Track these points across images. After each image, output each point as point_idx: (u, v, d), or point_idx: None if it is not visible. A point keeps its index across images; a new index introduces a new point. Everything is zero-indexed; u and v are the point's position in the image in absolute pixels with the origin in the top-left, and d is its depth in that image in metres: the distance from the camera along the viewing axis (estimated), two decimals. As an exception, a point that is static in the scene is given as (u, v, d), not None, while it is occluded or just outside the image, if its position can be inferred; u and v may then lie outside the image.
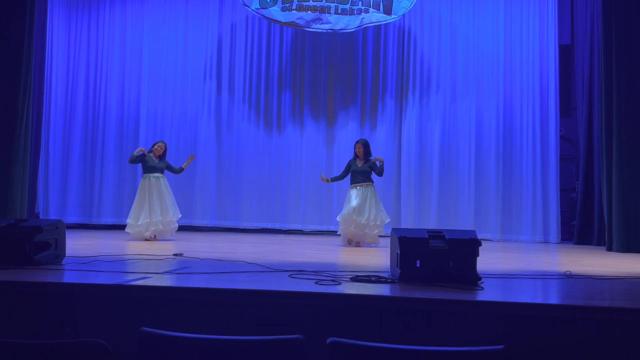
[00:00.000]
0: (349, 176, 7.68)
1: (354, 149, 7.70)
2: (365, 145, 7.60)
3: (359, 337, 2.21)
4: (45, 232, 4.40)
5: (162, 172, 7.81)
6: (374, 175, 7.61)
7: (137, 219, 7.49)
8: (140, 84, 9.92)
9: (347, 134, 9.51)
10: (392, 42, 9.63)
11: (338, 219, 7.57)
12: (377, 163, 7.59)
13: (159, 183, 7.69)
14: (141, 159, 7.72)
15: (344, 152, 9.17)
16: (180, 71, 9.91)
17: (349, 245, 7.37)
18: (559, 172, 9.10)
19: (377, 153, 9.51)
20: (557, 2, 9.25)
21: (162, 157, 7.86)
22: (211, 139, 9.81)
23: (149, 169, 7.70)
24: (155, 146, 7.87)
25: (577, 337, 3.07)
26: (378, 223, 7.36)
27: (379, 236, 7.41)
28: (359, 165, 7.54)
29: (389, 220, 7.70)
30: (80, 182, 9.91)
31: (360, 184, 7.46)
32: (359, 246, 7.31)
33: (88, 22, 10.08)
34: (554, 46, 9.20)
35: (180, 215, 7.90)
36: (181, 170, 8.05)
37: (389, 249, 4.42)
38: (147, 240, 7.39)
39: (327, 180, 7.82)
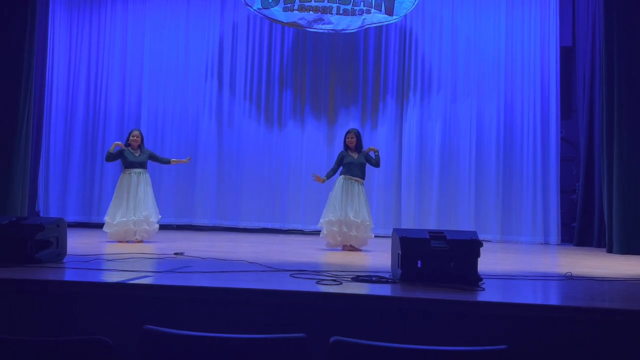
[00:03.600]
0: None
1: (345, 140, 6.97)
2: (358, 136, 6.97)
3: (360, 337, 2.21)
4: (47, 231, 4.41)
5: (144, 166, 7.14)
6: (367, 170, 7.01)
7: (114, 218, 6.90)
8: (142, 83, 9.92)
9: (348, 134, 9.51)
10: (393, 43, 9.64)
11: (326, 219, 6.71)
12: (372, 154, 6.95)
13: (140, 179, 7.06)
14: (118, 154, 7.09)
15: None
16: (181, 70, 9.91)
17: (339, 250, 6.65)
18: (559, 173, 9.10)
19: (379, 152, 9.52)
20: (559, 4, 9.25)
21: (141, 147, 7.19)
22: (212, 138, 9.82)
23: (128, 164, 7.05)
24: (130, 138, 7.15)
25: (577, 338, 3.08)
26: (371, 226, 6.77)
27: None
28: (355, 157, 6.84)
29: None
30: (80, 181, 9.92)
31: (355, 177, 6.78)
32: (353, 249, 6.64)
33: (89, 22, 10.09)
34: (555, 48, 9.20)
35: (160, 217, 7.40)
36: (168, 162, 7.47)
37: (388, 250, 4.43)
38: (129, 242, 6.83)
39: (323, 180, 7.05)
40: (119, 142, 7.27)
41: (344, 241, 6.69)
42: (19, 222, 4.47)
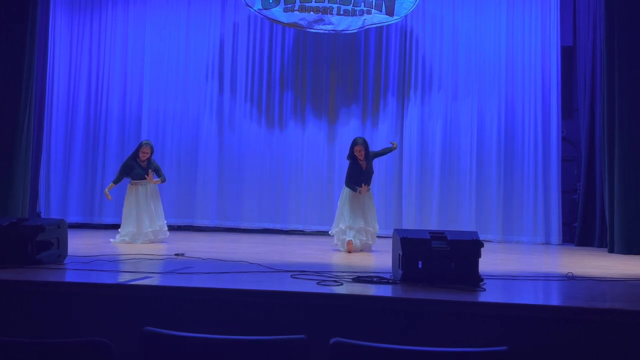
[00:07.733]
0: (341, 177, 6.95)
1: (353, 150, 6.87)
2: (366, 146, 6.89)
3: (361, 338, 2.21)
4: (48, 232, 4.41)
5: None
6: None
7: (132, 227, 7.04)
8: (142, 84, 9.92)
9: (349, 132, 9.48)
10: (394, 42, 9.62)
11: (349, 226, 6.63)
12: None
13: (148, 190, 7.20)
14: (126, 170, 7.20)
15: (345, 151, 9.11)
16: (182, 71, 9.90)
17: (338, 250, 6.70)
18: (561, 173, 9.08)
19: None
20: (559, 3, 9.23)
21: (149, 160, 7.27)
22: (213, 139, 9.81)
23: (136, 176, 7.17)
24: (141, 152, 7.19)
25: (578, 339, 3.07)
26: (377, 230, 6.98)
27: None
28: (364, 168, 6.82)
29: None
30: (81, 182, 9.91)
31: (367, 186, 6.79)
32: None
33: (90, 22, 10.09)
34: (556, 47, 9.18)
35: (165, 221, 7.48)
36: (163, 180, 7.42)
37: (388, 250, 4.43)
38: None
39: (358, 190, 6.72)
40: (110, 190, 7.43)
41: (358, 248, 6.62)
42: (20, 223, 4.48)
